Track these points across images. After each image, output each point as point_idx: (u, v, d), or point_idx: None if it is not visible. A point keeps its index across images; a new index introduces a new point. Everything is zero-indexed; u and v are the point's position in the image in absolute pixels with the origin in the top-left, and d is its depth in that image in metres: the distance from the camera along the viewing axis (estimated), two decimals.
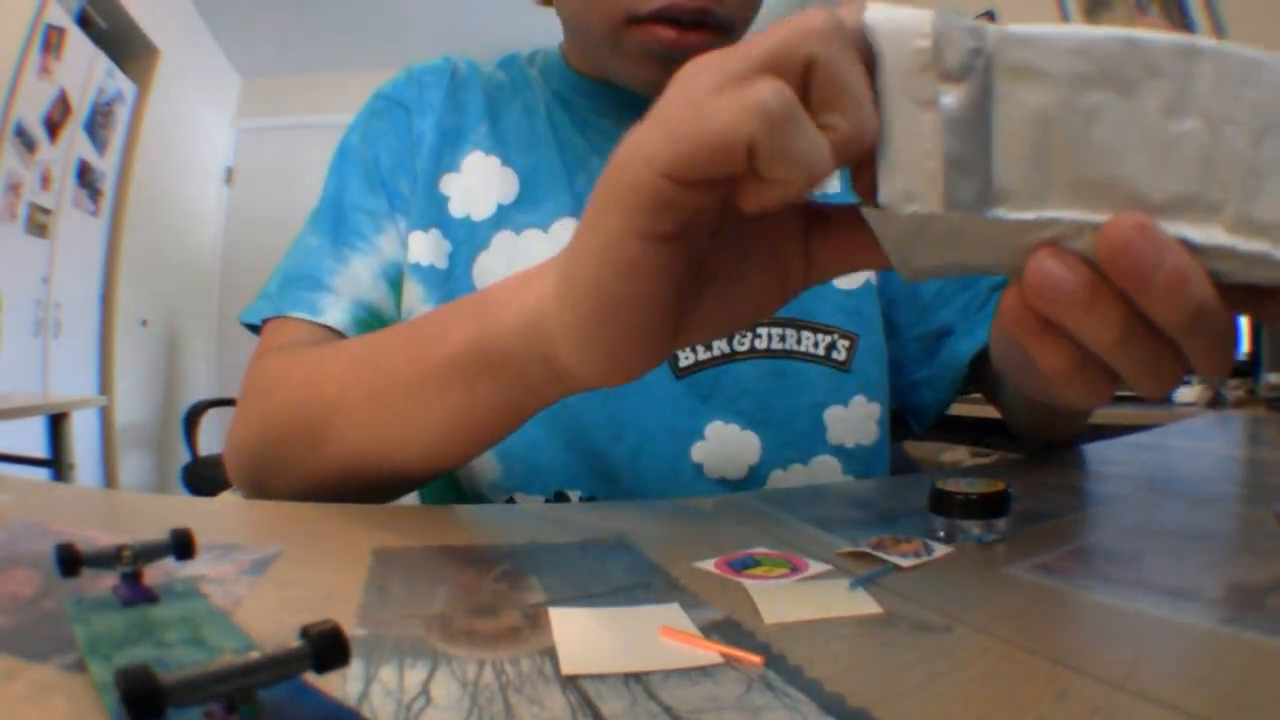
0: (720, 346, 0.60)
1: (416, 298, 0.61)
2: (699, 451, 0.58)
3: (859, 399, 0.62)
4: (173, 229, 4.07)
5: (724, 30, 0.54)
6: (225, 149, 4.60)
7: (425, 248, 0.61)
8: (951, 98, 0.23)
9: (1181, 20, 2.25)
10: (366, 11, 3.96)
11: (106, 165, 3.44)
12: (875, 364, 0.63)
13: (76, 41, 3.05)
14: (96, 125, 3.30)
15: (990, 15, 2.94)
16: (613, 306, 0.30)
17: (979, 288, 0.66)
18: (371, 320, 0.58)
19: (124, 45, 3.52)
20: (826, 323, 0.62)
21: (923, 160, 0.24)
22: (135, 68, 3.61)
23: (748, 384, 0.60)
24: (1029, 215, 0.24)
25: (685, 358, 0.59)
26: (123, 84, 3.48)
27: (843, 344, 0.62)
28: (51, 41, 2.87)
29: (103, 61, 3.29)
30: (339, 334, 0.56)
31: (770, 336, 0.61)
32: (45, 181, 2.98)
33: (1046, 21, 0.24)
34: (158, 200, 3.84)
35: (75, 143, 3.16)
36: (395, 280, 0.61)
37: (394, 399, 0.42)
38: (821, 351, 0.61)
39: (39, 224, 2.98)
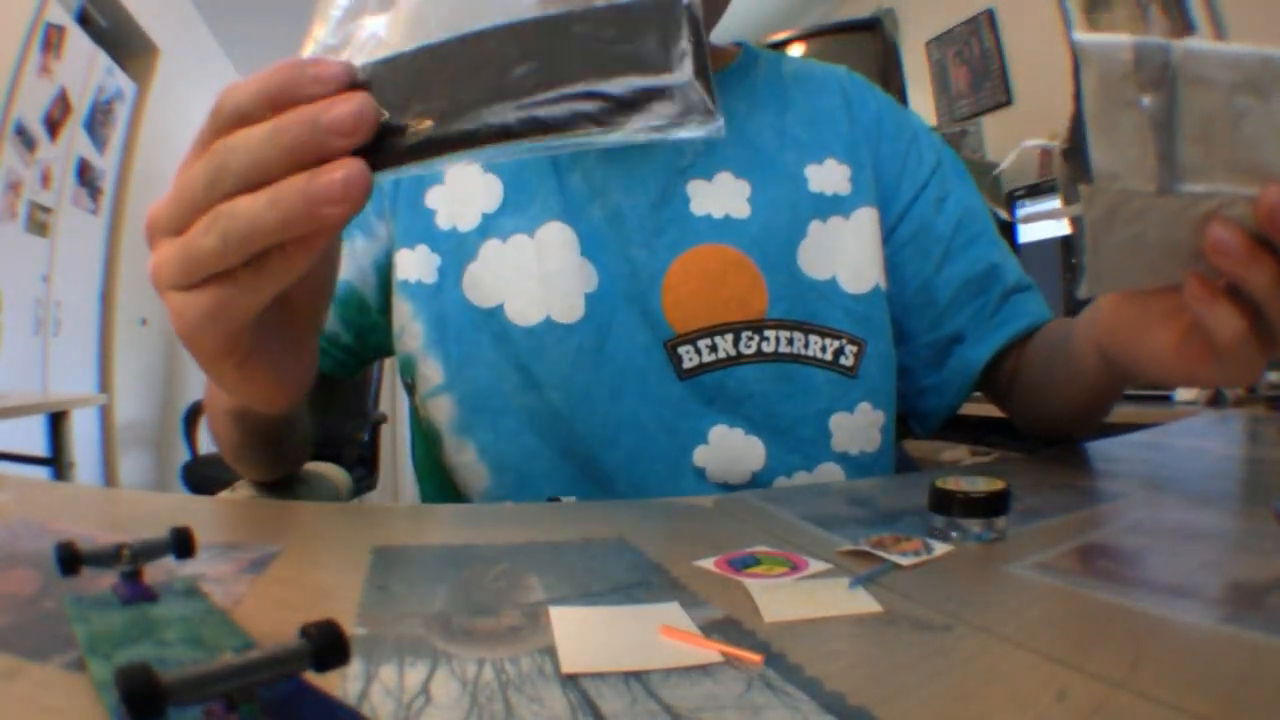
0: (726, 349, 0.59)
1: (407, 314, 0.61)
2: (701, 455, 0.58)
3: (864, 406, 0.61)
4: None
5: None
6: None
7: (413, 264, 0.61)
8: (1149, 100, 0.32)
9: (1182, 19, 2.25)
10: None
11: (106, 164, 3.44)
12: (882, 371, 0.63)
13: (76, 40, 3.05)
14: (96, 124, 3.30)
15: (990, 14, 2.94)
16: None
17: (990, 295, 0.65)
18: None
19: (124, 44, 3.52)
20: (835, 327, 0.61)
21: (1126, 149, 0.32)
22: (135, 66, 3.61)
23: (753, 387, 0.59)
24: (1200, 188, 0.33)
25: (690, 359, 0.58)
26: (123, 82, 3.48)
27: (850, 349, 0.61)
28: (51, 40, 2.87)
29: (103, 60, 3.29)
30: None
31: (778, 340, 0.60)
32: (45, 180, 2.98)
33: (1043, 18, 0.26)
34: (157, 199, 3.84)
35: (75, 141, 3.16)
36: (342, 298, 0.63)
37: (212, 416, 0.55)
38: (829, 356, 0.60)
39: (39, 222, 2.97)
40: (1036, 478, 0.51)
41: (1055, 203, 2.08)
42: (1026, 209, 2.15)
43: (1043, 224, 2.10)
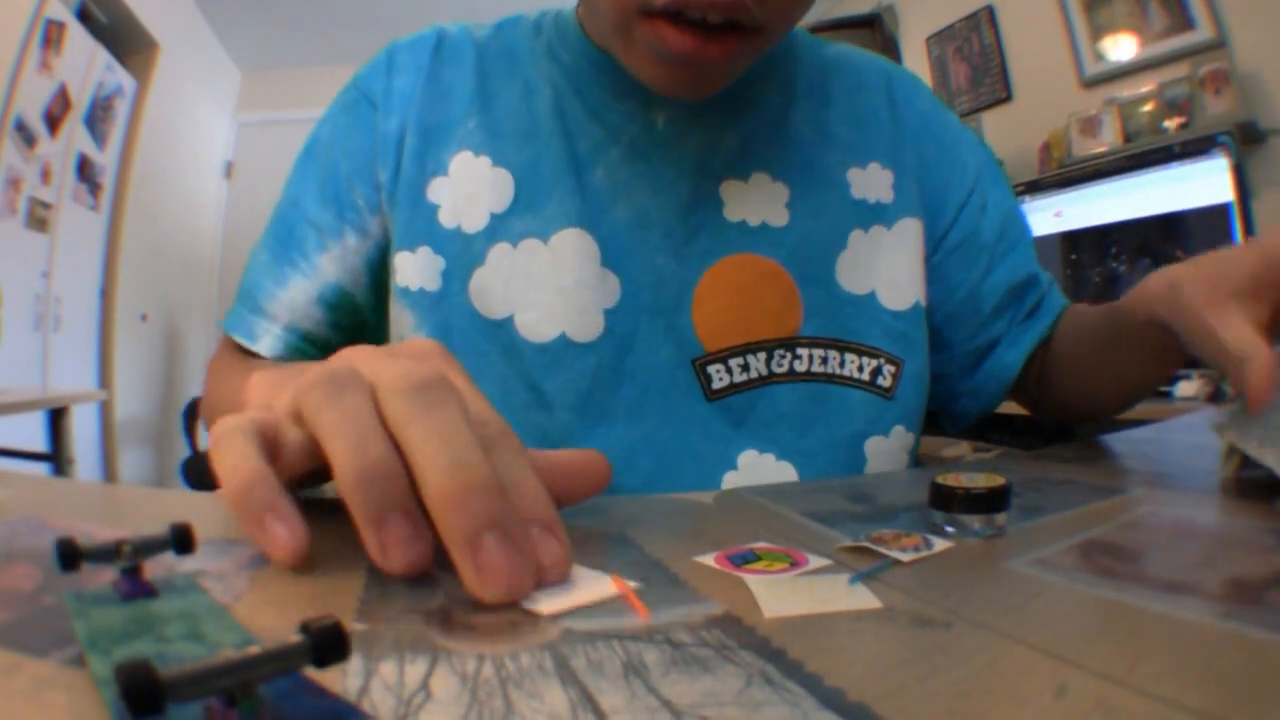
0: (757, 368, 0.55)
1: (408, 326, 0.56)
2: (730, 482, 0.55)
3: (899, 429, 0.58)
4: (173, 223, 4.07)
5: (754, 33, 0.47)
6: (225, 143, 4.60)
7: (414, 269, 0.56)
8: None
9: (1181, 15, 2.25)
10: (366, 4, 3.95)
11: (106, 160, 3.44)
12: (917, 392, 0.59)
13: (76, 36, 3.05)
14: (96, 120, 3.30)
15: (990, 10, 2.93)
16: None
17: (1027, 301, 0.64)
18: (303, 345, 0.59)
19: (124, 39, 3.52)
20: (872, 345, 0.57)
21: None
22: (135, 62, 3.61)
23: (785, 409, 0.55)
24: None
25: (720, 379, 0.55)
26: (122, 78, 3.48)
27: (889, 369, 0.57)
28: (51, 36, 2.86)
29: (102, 56, 3.29)
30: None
31: (811, 358, 0.56)
32: (45, 176, 2.98)
33: (1043, 14, 0.25)
34: (158, 194, 3.84)
35: (75, 137, 3.16)
36: (333, 302, 0.59)
37: None
38: (866, 376, 0.57)
39: (39, 218, 2.97)
40: (1037, 474, 0.50)
41: (1054, 199, 2.07)
42: (1026, 203, 2.15)
43: (1043, 219, 2.10)
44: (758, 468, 0.55)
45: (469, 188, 0.57)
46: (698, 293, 0.56)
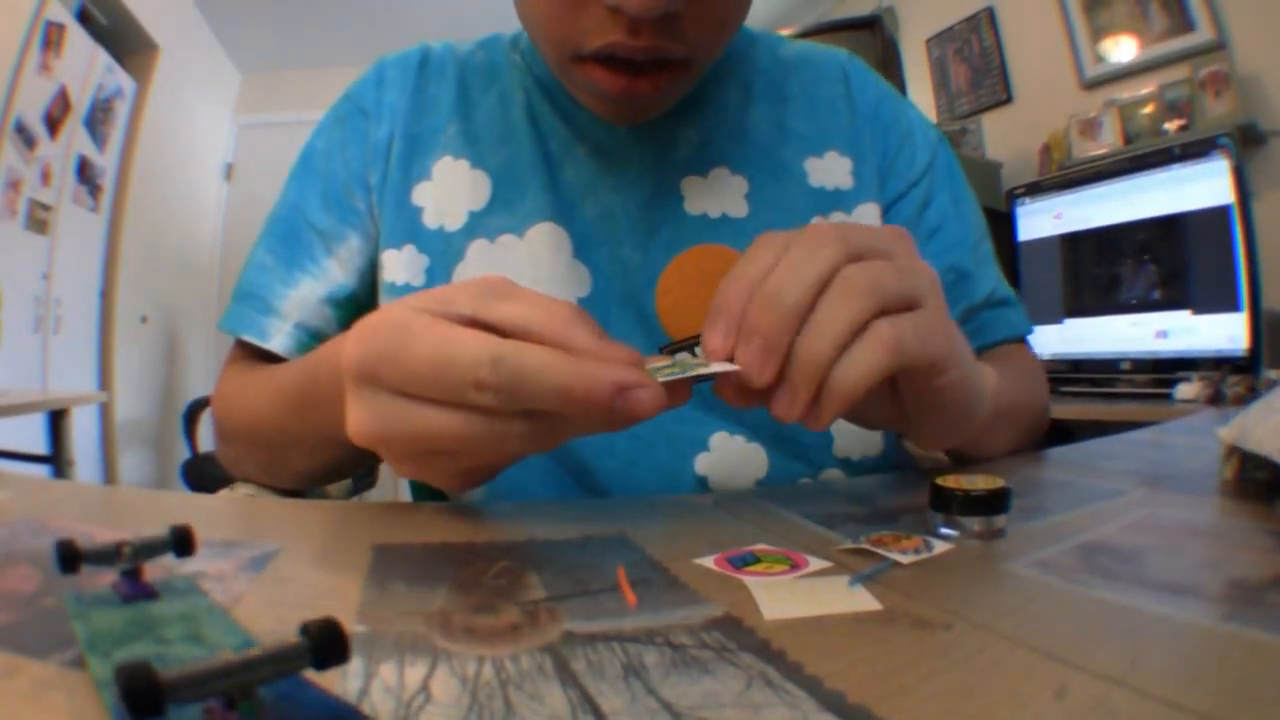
0: None
1: None
2: (703, 463, 0.56)
3: None
4: (172, 225, 4.08)
5: (681, 64, 0.51)
6: (225, 145, 4.60)
7: (400, 266, 0.60)
8: None
9: (1182, 19, 2.25)
10: (366, 6, 3.95)
11: (106, 161, 3.44)
12: None
13: (76, 38, 3.05)
14: (96, 121, 3.30)
15: (990, 12, 2.93)
16: None
17: (952, 310, 0.63)
18: (312, 343, 0.61)
19: (124, 41, 3.52)
20: None
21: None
22: (135, 64, 3.61)
23: None
24: None
25: None
26: (122, 80, 3.48)
27: None
28: (51, 38, 2.87)
29: (102, 58, 3.29)
30: (283, 357, 0.60)
31: None
32: (45, 178, 2.98)
33: (1043, 16, 0.25)
34: (157, 196, 3.84)
35: (75, 139, 3.16)
36: (341, 301, 0.62)
37: (274, 439, 0.54)
38: None
39: (39, 220, 2.97)
40: (1036, 475, 0.51)
41: (1054, 200, 2.07)
42: (1026, 205, 2.15)
43: (1043, 220, 2.10)
44: (729, 448, 0.57)
45: (450, 189, 0.60)
46: (662, 284, 0.58)
